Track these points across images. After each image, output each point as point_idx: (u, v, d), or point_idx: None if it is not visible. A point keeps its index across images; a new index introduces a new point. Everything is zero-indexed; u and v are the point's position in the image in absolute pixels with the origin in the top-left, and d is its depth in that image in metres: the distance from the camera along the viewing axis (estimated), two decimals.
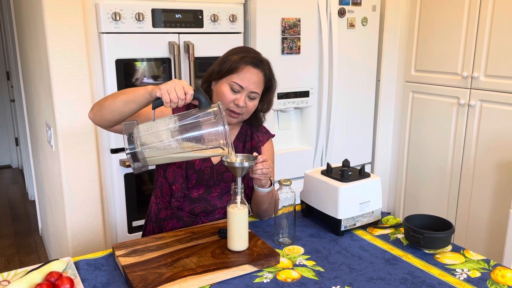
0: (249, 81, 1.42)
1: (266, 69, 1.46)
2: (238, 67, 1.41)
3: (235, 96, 1.42)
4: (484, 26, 2.43)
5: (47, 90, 2.09)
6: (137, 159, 1.23)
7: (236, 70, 1.41)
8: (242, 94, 1.42)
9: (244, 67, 1.41)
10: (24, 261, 3.15)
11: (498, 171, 2.43)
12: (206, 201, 1.53)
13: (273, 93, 1.53)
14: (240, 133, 1.57)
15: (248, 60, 1.42)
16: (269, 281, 1.19)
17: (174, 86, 1.21)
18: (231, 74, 1.42)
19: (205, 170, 1.50)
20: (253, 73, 1.42)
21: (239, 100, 1.42)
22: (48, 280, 1.12)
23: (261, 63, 1.45)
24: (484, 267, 1.26)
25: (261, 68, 1.44)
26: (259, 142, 1.57)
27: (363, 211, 1.49)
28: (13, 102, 4.89)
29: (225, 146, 1.23)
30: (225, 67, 1.42)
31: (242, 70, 1.41)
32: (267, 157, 1.57)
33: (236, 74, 1.41)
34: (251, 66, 1.42)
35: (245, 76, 1.41)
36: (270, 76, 1.48)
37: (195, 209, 1.53)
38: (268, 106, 1.55)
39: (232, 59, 1.42)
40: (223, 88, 1.43)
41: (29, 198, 4.37)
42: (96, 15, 2.02)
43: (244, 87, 1.42)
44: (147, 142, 1.22)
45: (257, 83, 1.44)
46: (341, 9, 2.58)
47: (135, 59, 2.13)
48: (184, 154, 1.25)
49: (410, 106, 2.93)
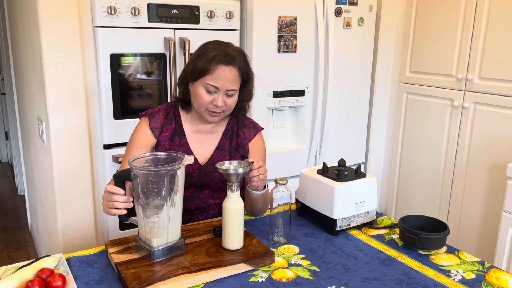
0: (223, 80, 1.37)
1: (239, 64, 1.40)
2: (209, 68, 1.36)
3: (212, 96, 1.39)
4: (480, 29, 2.44)
5: (39, 83, 2.06)
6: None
7: (208, 72, 1.36)
8: (219, 94, 1.39)
9: (216, 67, 1.36)
10: (13, 256, 3.11)
11: (491, 173, 2.45)
12: (199, 198, 1.52)
13: (251, 83, 1.49)
14: (227, 130, 1.55)
15: (219, 59, 1.36)
16: (264, 280, 1.18)
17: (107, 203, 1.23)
18: (204, 76, 1.37)
19: (193, 173, 1.49)
20: (226, 71, 1.37)
21: (216, 100, 1.39)
22: (40, 276, 1.10)
23: (233, 59, 1.38)
24: (479, 268, 1.27)
25: (234, 64, 1.38)
26: (245, 139, 1.54)
27: (358, 211, 1.48)
28: (3, 95, 4.82)
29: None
30: (197, 69, 1.38)
31: (214, 70, 1.36)
32: (257, 154, 1.56)
33: (209, 75, 1.37)
34: (223, 65, 1.36)
35: (218, 76, 1.37)
36: (245, 69, 1.43)
37: (189, 207, 1.52)
38: (249, 96, 1.52)
39: (203, 59, 1.37)
40: (199, 90, 1.39)
41: (19, 193, 4.32)
42: (91, 8, 1.99)
43: (219, 87, 1.38)
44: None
45: (232, 80, 1.39)
46: (338, 8, 2.58)
47: (130, 54, 2.10)
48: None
49: (404, 107, 2.94)
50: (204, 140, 1.52)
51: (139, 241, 1.25)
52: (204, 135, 1.53)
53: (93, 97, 2.08)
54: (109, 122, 2.10)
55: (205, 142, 1.52)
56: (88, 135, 2.07)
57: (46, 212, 2.41)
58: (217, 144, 1.53)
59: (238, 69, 1.40)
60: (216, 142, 1.53)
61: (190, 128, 1.51)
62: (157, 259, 1.21)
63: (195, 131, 1.52)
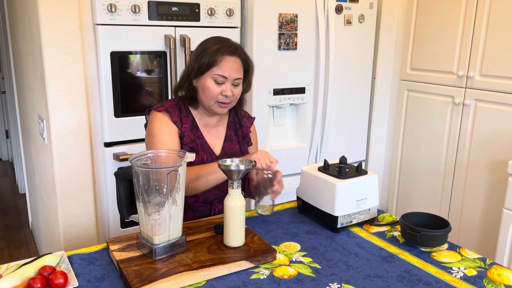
0: (231, 69, 1.45)
1: (241, 54, 1.50)
2: (216, 60, 1.44)
3: (221, 87, 1.46)
4: (481, 26, 2.43)
5: (40, 81, 2.06)
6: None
7: (215, 63, 1.44)
8: (227, 84, 1.47)
9: (223, 58, 1.45)
10: (14, 254, 3.11)
11: (491, 170, 2.45)
12: (216, 188, 1.56)
13: (252, 74, 1.58)
14: (230, 122, 1.63)
15: (224, 50, 1.45)
16: (266, 278, 1.18)
17: (264, 156, 1.43)
18: (211, 68, 1.45)
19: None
20: (231, 61, 1.46)
21: (226, 90, 1.46)
22: (42, 274, 1.10)
23: (236, 50, 1.48)
24: (481, 265, 1.26)
25: (237, 55, 1.48)
26: (247, 128, 1.65)
27: (359, 208, 1.48)
28: (4, 93, 4.82)
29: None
30: (204, 63, 1.45)
31: (221, 61, 1.44)
32: (254, 141, 1.70)
33: (217, 66, 1.44)
34: (228, 55, 1.45)
35: (225, 66, 1.45)
36: (246, 60, 1.52)
37: (208, 197, 1.57)
38: (248, 87, 1.59)
39: (208, 53, 1.45)
40: (208, 83, 1.46)
41: (20, 191, 4.32)
42: (91, 6, 1.99)
43: (227, 76, 1.46)
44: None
45: (238, 69, 1.48)
46: (339, 5, 2.57)
47: (130, 51, 2.10)
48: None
49: (405, 104, 2.93)
50: (213, 134, 1.60)
51: (140, 238, 1.25)
52: (213, 129, 1.60)
53: (93, 95, 2.08)
54: (109, 120, 2.10)
55: (215, 135, 1.60)
56: (89, 133, 2.07)
57: (47, 210, 2.41)
58: (224, 135, 1.61)
59: (241, 59, 1.50)
60: (223, 134, 1.61)
61: (201, 122, 1.58)
62: (158, 257, 1.21)
63: (205, 125, 1.59)
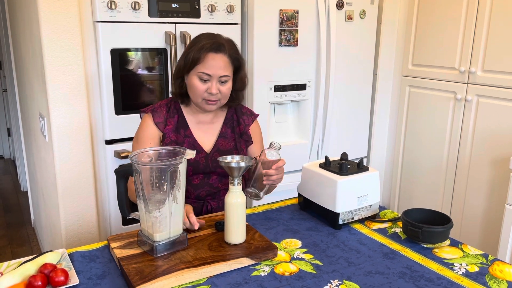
0: (215, 67, 1.43)
1: (229, 51, 1.46)
2: (200, 57, 1.43)
3: (207, 85, 1.45)
4: (482, 21, 2.42)
5: (40, 79, 2.05)
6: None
7: (199, 61, 1.43)
8: (213, 82, 1.45)
9: (206, 55, 1.43)
10: (16, 252, 3.12)
11: (494, 166, 2.44)
12: (208, 184, 1.56)
13: (243, 70, 1.55)
14: (227, 119, 1.62)
15: (207, 47, 1.43)
16: (267, 274, 1.18)
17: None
18: (196, 66, 1.44)
19: (200, 161, 1.54)
20: (216, 58, 1.43)
21: (211, 88, 1.45)
22: (42, 272, 1.10)
23: (222, 47, 1.45)
24: (483, 261, 1.26)
25: (223, 52, 1.45)
26: (246, 126, 1.62)
27: (361, 205, 1.48)
28: (5, 92, 4.82)
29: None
30: (189, 60, 1.45)
31: (204, 58, 1.43)
32: (256, 138, 1.64)
33: (201, 64, 1.43)
34: (212, 53, 1.43)
35: (209, 64, 1.43)
36: (236, 56, 1.49)
37: (200, 194, 1.56)
38: (243, 84, 1.56)
39: (193, 50, 1.45)
40: (193, 80, 1.46)
41: (21, 189, 4.33)
42: (91, 3, 1.98)
43: (211, 74, 1.44)
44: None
45: (224, 67, 1.45)
46: (340, 1, 2.56)
47: (130, 48, 2.09)
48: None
49: (407, 100, 2.92)
50: (206, 130, 1.58)
51: (141, 236, 1.25)
52: (206, 125, 1.58)
53: (94, 92, 2.08)
54: (110, 117, 2.10)
55: (208, 132, 1.59)
56: (90, 131, 2.07)
57: (49, 208, 2.41)
58: (219, 132, 1.59)
59: (228, 56, 1.46)
60: (217, 130, 1.60)
61: (192, 120, 1.57)
62: (159, 254, 1.21)
63: (197, 123, 1.57)
